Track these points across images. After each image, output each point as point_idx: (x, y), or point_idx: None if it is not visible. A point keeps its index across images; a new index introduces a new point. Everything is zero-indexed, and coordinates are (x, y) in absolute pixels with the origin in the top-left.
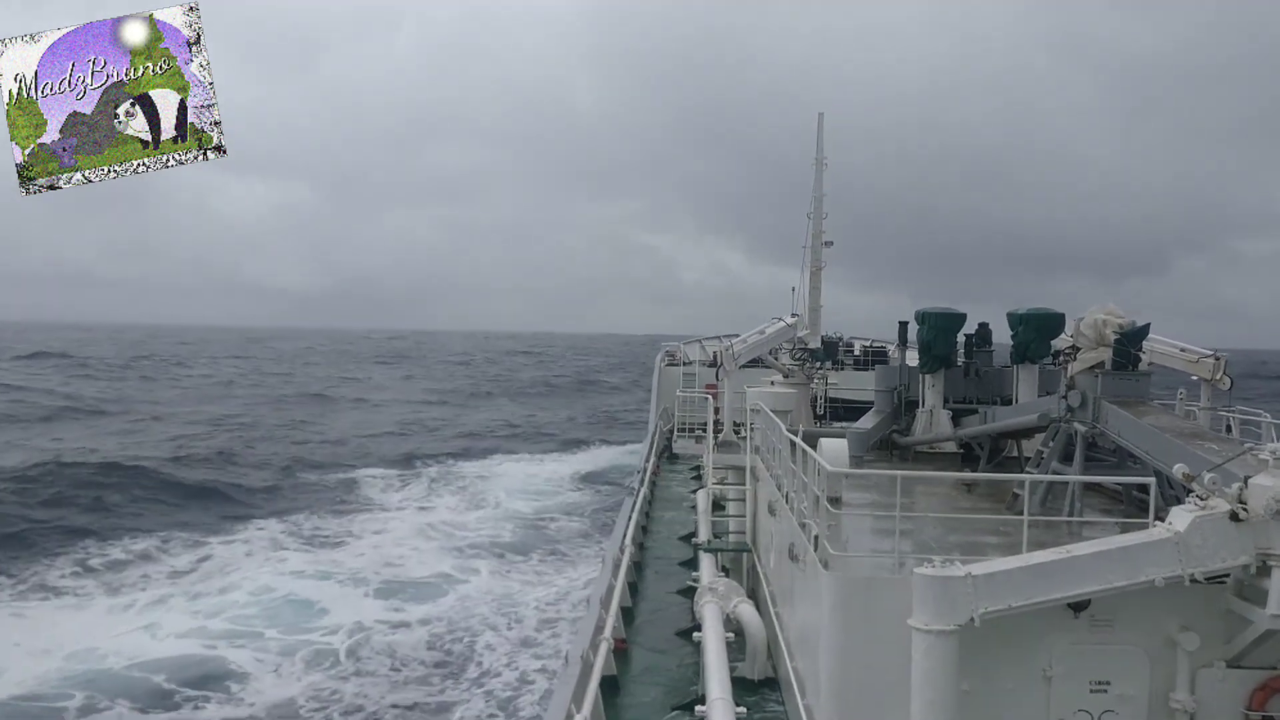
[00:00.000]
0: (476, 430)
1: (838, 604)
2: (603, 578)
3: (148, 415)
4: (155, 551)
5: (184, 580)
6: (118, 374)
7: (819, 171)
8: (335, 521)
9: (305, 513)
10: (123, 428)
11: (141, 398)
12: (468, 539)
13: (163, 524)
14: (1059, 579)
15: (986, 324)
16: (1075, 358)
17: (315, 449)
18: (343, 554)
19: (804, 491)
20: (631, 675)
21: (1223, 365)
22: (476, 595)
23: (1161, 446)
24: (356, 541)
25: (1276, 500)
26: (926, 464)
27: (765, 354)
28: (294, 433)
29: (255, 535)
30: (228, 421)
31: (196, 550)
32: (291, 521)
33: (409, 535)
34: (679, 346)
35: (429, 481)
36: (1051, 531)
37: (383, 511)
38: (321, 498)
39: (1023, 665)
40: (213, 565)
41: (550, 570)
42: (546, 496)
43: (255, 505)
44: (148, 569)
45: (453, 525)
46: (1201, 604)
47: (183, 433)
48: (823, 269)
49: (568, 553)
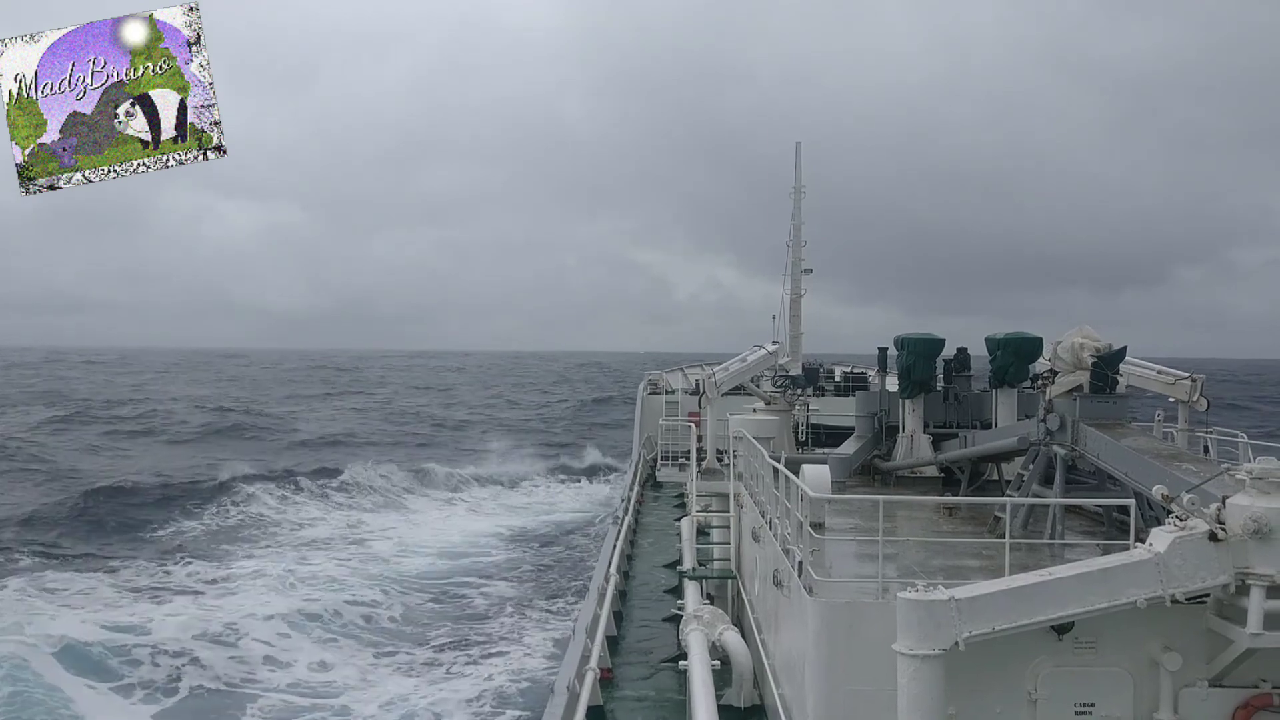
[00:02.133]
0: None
1: (822, 629)
2: (588, 606)
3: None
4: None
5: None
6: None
7: (797, 201)
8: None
9: (125, 557)
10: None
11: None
12: (342, 611)
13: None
14: (1042, 601)
15: (965, 349)
16: (1053, 381)
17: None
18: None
19: (787, 517)
20: (617, 704)
21: (1199, 386)
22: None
23: (1140, 468)
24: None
25: (1254, 520)
26: (908, 488)
27: (747, 381)
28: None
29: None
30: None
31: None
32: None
33: (260, 593)
34: (661, 375)
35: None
36: (1033, 554)
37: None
38: (156, 534)
39: (1008, 688)
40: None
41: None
42: (457, 558)
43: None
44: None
45: (325, 585)
46: (1183, 624)
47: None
48: (803, 296)
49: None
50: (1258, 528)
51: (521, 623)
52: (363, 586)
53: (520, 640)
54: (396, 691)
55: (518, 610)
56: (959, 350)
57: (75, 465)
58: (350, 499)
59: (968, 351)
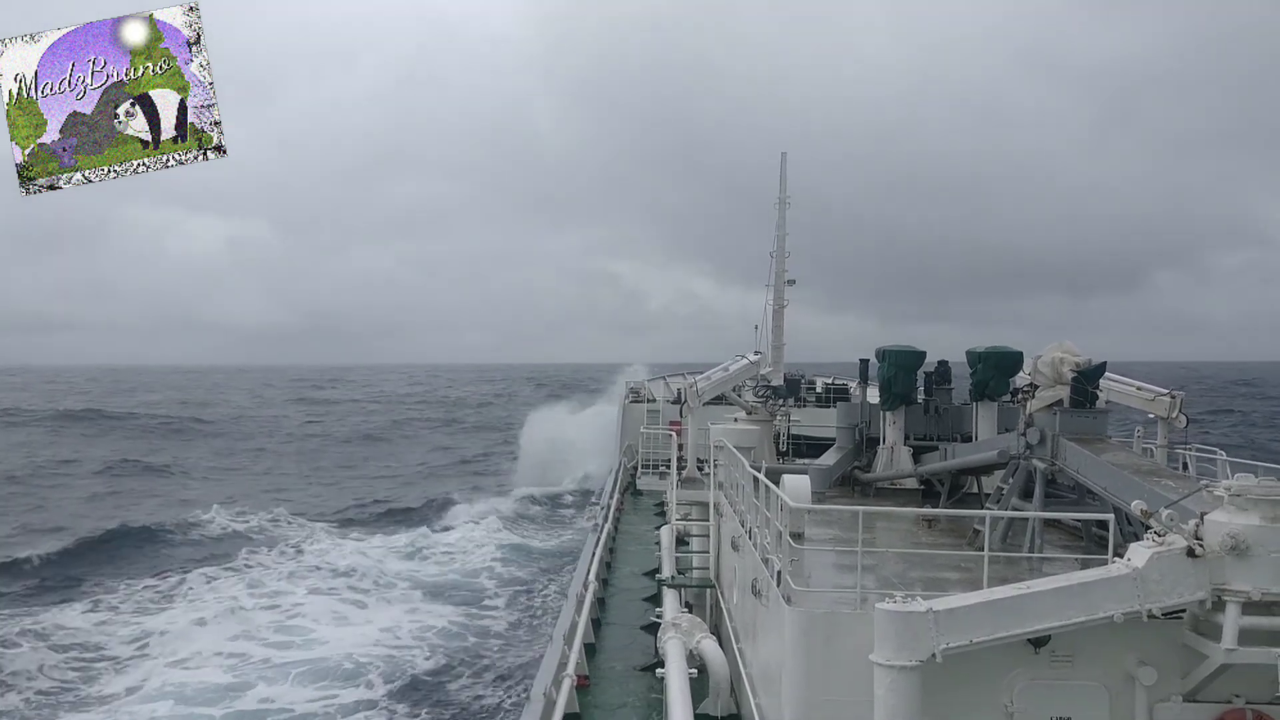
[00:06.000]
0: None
1: (800, 639)
2: (566, 613)
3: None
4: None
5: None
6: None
7: (781, 211)
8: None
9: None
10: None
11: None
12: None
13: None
14: (1020, 614)
15: (946, 361)
16: (1034, 395)
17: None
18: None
19: (767, 527)
20: (594, 712)
21: (1178, 403)
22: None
23: (1120, 483)
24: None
25: (1231, 536)
26: (888, 500)
27: (729, 391)
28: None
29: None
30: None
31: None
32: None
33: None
34: (643, 383)
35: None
36: (1012, 567)
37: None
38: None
39: (984, 701)
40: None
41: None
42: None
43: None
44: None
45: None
46: (1159, 639)
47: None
48: (785, 307)
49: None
50: (1235, 544)
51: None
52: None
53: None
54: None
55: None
56: (940, 363)
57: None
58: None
59: (949, 364)
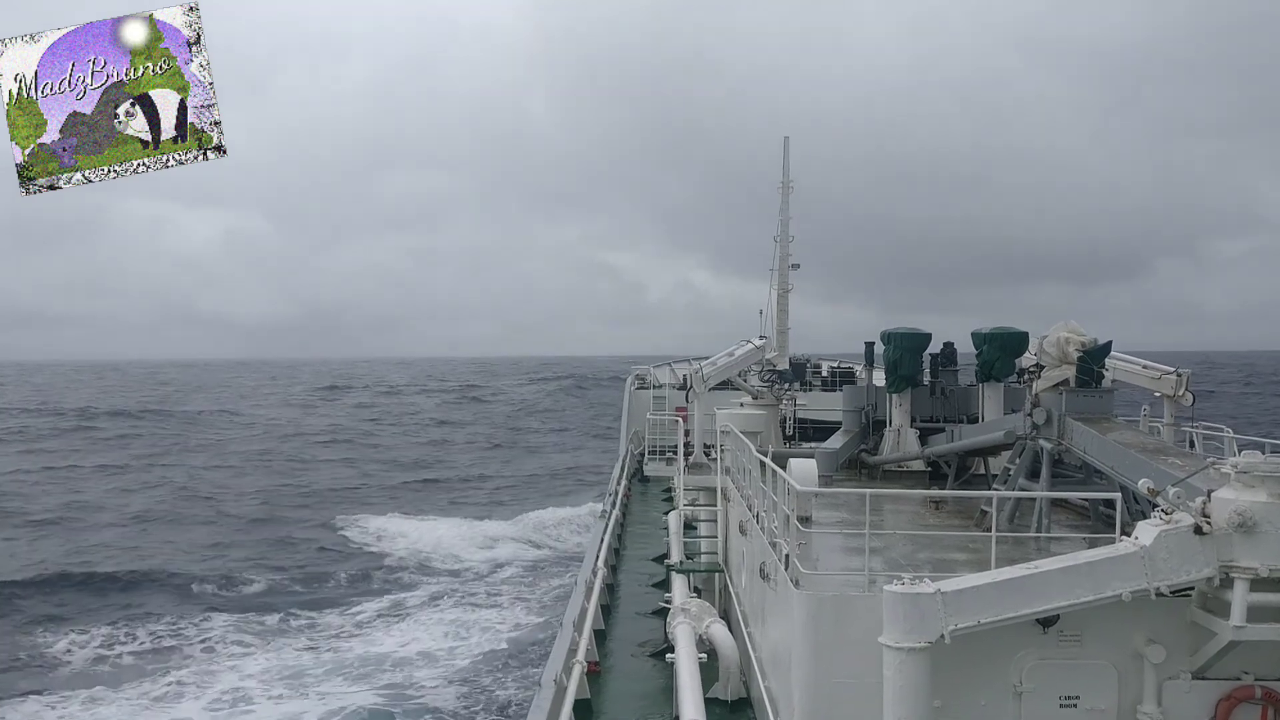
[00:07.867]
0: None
1: (809, 622)
2: (575, 600)
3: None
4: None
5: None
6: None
7: (785, 196)
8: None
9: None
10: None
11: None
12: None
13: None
14: (1027, 594)
15: (951, 343)
16: (1040, 375)
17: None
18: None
19: (774, 511)
20: (605, 698)
21: (1185, 381)
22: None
23: (1126, 462)
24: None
25: (1238, 514)
26: (895, 482)
27: (734, 376)
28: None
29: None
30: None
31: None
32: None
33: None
34: (649, 370)
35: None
36: (1020, 547)
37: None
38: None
39: (993, 681)
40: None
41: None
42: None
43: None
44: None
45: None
46: (1167, 617)
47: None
48: (790, 291)
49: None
50: (1242, 521)
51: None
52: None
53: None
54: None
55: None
56: (945, 345)
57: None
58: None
59: (954, 346)
